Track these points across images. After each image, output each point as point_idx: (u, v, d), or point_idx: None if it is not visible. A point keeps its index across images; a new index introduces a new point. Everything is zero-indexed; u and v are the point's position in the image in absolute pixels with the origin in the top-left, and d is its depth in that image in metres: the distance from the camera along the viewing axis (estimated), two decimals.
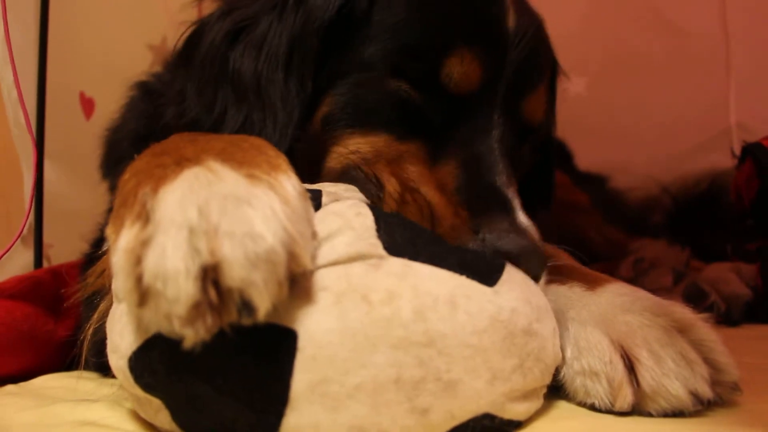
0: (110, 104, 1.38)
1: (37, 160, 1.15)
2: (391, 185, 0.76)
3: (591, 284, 0.79)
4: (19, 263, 1.30)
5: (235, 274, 0.45)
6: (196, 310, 0.45)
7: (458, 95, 0.80)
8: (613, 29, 2.37)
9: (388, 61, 0.80)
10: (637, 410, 0.64)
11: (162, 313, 0.46)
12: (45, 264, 1.36)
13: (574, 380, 0.68)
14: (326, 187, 0.74)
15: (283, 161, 0.58)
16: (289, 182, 0.55)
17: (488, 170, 0.76)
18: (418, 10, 0.82)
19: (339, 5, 0.82)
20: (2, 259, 1.13)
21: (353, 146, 0.80)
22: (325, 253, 0.56)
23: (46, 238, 1.42)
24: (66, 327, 1.02)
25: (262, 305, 0.46)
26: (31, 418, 0.69)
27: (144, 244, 0.48)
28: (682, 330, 0.67)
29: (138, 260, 0.47)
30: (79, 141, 1.47)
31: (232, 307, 0.46)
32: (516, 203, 0.74)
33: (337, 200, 0.66)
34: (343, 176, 0.81)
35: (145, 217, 0.49)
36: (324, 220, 0.59)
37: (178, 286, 0.45)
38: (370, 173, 0.77)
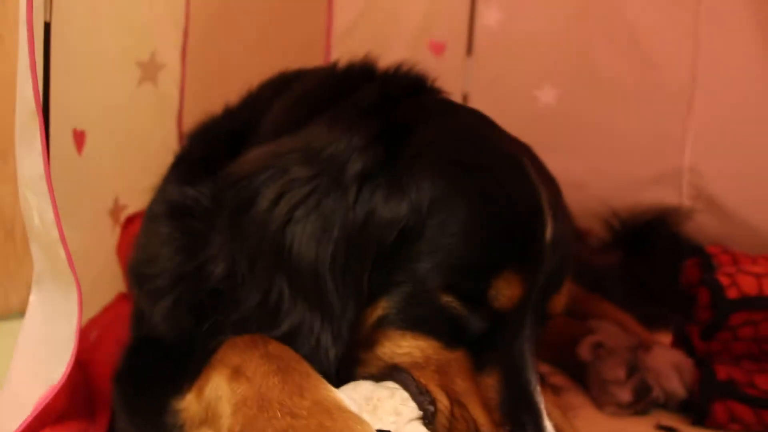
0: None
1: None
2: (442, 402, 0.92)
3: None
4: None
5: None
6: None
7: (500, 309, 0.94)
8: (588, 47, 2.50)
9: (440, 278, 0.92)
10: None
11: None
12: None
13: None
14: (379, 389, 0.92)
15: None
16: None
17: (522, 376, 0.93)
18: (469, 232, 0.92)
19: (401, 228, 0.92)
20: None
21: (406, 348, 0.94)
22: None
23: None
24: (100, 429, 1.16)
25: None
26: None
27: None
28: None
29: None
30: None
31: None
32: (542, 408, 0.92)
33: None
34: (391, 372, 0.96)
35: None
36: None
37: None
38: (422, 385, 0.93)
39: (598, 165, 2.52)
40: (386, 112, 1.02)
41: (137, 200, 1.78)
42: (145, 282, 1.14)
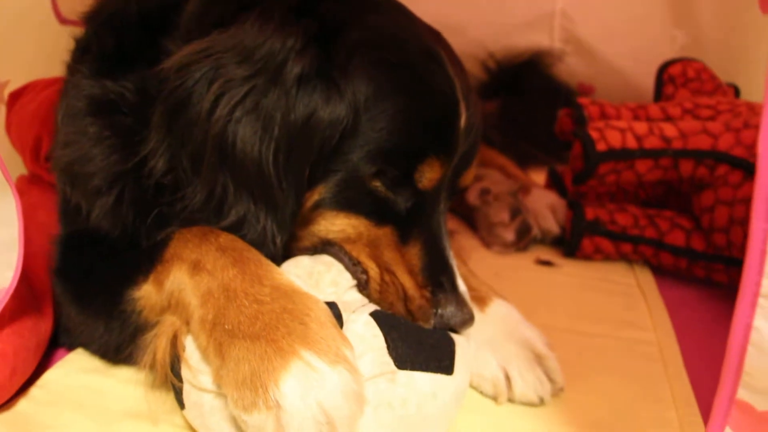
0: None
1: None
2: (373, 270, 1.11)
3: (480, 303, 1.27)
4: None
5: None
6: None
7: (422, 189, 1.11)
8: None
9: (371, 166, 1.06)
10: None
11: None
12: None
13: (474, 379, 1.20)
14: (317, 264, 1.10)
15: (338, 332, 0.93)
16: (349, 352, 0.91)
17: (439, 244, 1.12)
18: (397, 125, 1.05)
19: (342, 130, 1.04)
20: None
21: (340, 226, 1.10)
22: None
23: None
24: (48, 317, 1.26)
25: None
26: None
27: (281, 426, 0.84)
28: (539, 358, 1.20)
29: None
30: None
31: None
32: (455, 269, 1.13)
33: (347, 309, 1.03)
34: (325, 246, 1.13)
35: (275, 404, 0.84)
36: (352, 341, 0.98)
37: None
38: (354, 257, 1.11)
39: (476, 8, 2.65)
40: (315, 10, 1.08)
41: (19, 75, 1.73)
42: (80, 181, 1.17)
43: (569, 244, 1.73)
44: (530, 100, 2.56)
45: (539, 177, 2.14)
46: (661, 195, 1.84)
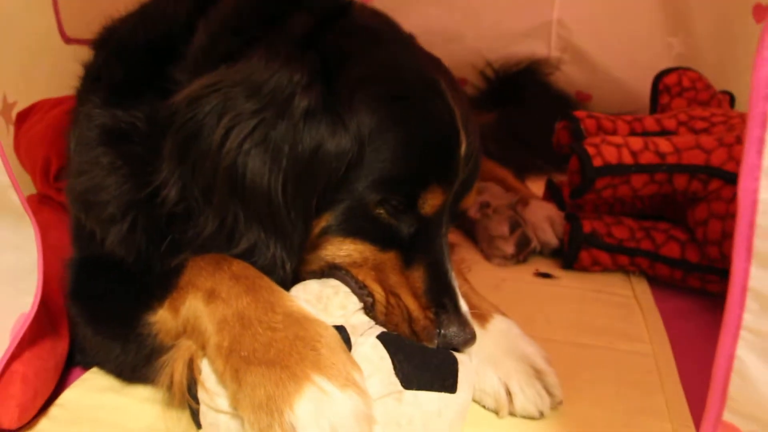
0: None
1: None
2: (378, 293, 1.16)
3: (481, 320, 1.33)
4: None
5: None
6: None
7: (425, 215, 1.17)
8: None
9: (375, 194, 1.12)
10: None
11: None
12: None
13: (476, 394, 1.26)
14: (325, 288, 1.16)
15: (347, 357, 0.99)
16: (358, 375, 0.97)
17: (441, 267, 1.18)
18: (400, 155, 1.11)
19: (347, 161, 1.09)
20: None
21: (346, 251, 1.16)
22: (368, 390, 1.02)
23: None
24: (65, 338, 1.32)
25: None
26: None
27: None
28: (539, 374, 1.26)
29: None
30: None
31: None
32: (458, 291, 1.18)
33: (354, 332, 1.09)
34: (332, 270, 1.19)
35: (291, 427, 0.90)
36: (361, 364, 1.04)
37: None
38: (360, 281, 1.16)
39: (474, 17, 2.72)
40: (319, 44, 1.14)
41: (25, 95, 1.79)
42: (94, 209, 1.22)
43: (567, 256, 1.79)
44: (528, 109, 2.62)
45: (538, 186, 2.20)
46: (659, 204, 1.90)
